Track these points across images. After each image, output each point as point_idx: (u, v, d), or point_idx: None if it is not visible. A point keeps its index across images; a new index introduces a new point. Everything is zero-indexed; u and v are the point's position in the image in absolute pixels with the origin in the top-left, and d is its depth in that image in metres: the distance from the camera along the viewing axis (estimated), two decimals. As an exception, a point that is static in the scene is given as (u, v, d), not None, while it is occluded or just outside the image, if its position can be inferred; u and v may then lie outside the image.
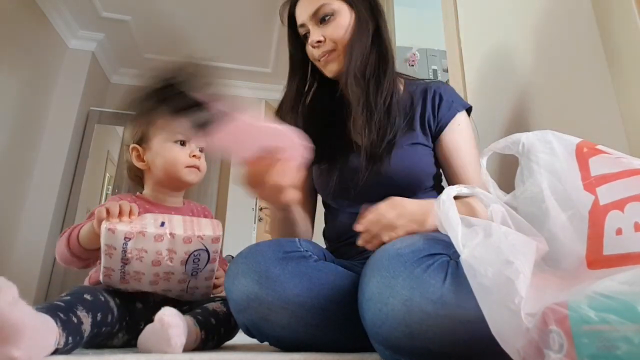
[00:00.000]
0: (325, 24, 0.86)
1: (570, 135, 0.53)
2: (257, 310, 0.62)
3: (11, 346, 0.48)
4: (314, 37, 0.86)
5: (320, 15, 0.86)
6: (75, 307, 0.66)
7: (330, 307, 0.63)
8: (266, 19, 3.30)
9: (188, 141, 0.98)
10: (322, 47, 0.86)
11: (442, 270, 0.49)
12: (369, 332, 0.53)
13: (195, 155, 0.98)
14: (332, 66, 0.88)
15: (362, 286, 0.56)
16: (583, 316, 0.30)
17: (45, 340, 0.56)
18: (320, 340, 0.64)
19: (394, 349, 0.50)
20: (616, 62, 0.67)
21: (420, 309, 0.47)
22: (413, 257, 0.52)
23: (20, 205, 2.86)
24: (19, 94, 2.77)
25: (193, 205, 1.04)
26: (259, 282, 0.62)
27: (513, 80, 1.00)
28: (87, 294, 0.71)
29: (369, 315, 0.52)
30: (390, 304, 0.49)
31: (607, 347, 0.28)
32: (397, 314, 0.48)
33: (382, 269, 0.53)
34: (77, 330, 0.64)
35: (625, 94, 0.65)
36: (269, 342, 0.68)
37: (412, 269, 0.50)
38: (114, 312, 0.76)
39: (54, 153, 3.05)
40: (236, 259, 0.68)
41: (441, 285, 0.47)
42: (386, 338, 0.50)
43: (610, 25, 0.68)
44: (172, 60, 0.57)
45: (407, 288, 0.48)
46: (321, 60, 0.88)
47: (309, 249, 0.70)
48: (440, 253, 0.52)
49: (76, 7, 3.06)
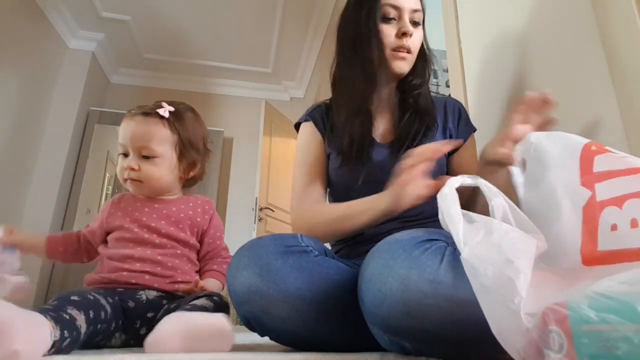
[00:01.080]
0: (415, 27, 0.91)
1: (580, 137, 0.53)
2: (258, 303, 0.63)
3: (9, 341, 0.48)
4: (410, 28, 0.89)
5: (417, 17, 0.91)
6: (65, 308, 0.65)
7: (330, 302, 0.64)
8: (266, 19, 3.30)
9: (128, 154, 0.95)
10: (409, 42, 0.89)
11: (439, 253, 0.51)
12: (367, 315, 0.54)
13: (131, 167, 0.93)
14: (405, 65, 0.91)
15: (362, 271, 0.57)
16: (583, 316, 0.30)
17: (39, 332, 0.55)
18: (320, 335, 0.65)
19: (393, 330, 0.51)
20: (616, 62, 0.67)
21: (417, 288, 0.48)
22: (412, 242, 0.54)
23: (20, 205, 2.86)
24: (19, 94, 2.77)
25: (193, 199, 1.03)
26: (261, 275, 0.62)
27: (513, 80, 1.01)
28: (73, 296, 0.70)
29: (368, 296, 0.53)
30: (388, 283, 0.50)
31: (607, 347, 0.28)
32: (395, 293, 0.49)
33: (382, 252, 0.55)
34: (71, 325, 0.63)
35: (624, 93, 0.65)
36: (269, 336, 0.68)
37: (411, 251, 0.52)
38: (106, 310, 0.76)
39: (54, 153, 3.05)
40: (238, 252, 0.68)
41: (438, 266, 0.49)
42: (385, 319, 0.51)
43: (610, 25, 0.68)
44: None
45: (404, 268, 0.50)
46: (399, 52, 0.89)
47: (310, 244, 0.70)
48: (438, 239, 0.54)
49: (76, 7, 3.06)
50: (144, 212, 0.95)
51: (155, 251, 0.91)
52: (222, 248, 1.03)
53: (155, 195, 0.99)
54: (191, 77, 4.00)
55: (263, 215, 3.17)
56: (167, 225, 0.95)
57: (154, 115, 0.95)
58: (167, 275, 0.89)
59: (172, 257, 0.93)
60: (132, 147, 0.94)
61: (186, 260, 0.95)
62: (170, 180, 0.99)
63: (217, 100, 4.07)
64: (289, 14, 3.24)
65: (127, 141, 0.94)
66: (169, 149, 0.96)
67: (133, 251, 0.90)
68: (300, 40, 3.48)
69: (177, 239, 0.95)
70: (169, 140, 0.96)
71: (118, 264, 0.88)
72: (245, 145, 3.83)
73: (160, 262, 0.90)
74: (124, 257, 0.89)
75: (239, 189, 3.74)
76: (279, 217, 3.39)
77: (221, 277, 0.97)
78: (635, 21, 0.63)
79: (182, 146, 0.98)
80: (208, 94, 4.05)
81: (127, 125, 0.95)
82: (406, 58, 0.90)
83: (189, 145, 0.99)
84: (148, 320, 0.84)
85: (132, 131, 0.94)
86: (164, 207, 0.97)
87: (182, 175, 1.01)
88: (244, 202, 3.62)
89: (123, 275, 0.87)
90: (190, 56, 3.76)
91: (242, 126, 3.93)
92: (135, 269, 0.88)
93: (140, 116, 0.95)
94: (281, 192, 3.46)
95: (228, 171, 3.79)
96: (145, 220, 0.94)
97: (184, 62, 3.82)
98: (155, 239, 0.92)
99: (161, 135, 0.95)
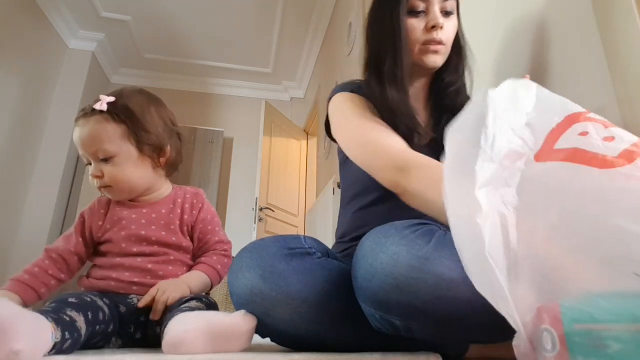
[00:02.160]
0: (447, 18, 0.85)
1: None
2: (260, 305, 0.62)
3: (10, 341, 0.47)
4: (440, 21, 0.83)
5: (449, 6, 0.85)
6: (64, 309, 0.64)
7: (332, 303, 0.63)
8: (266, 19, 3.30)
9: (90, 162, 0.88)
10: (440, 34, 0.84)
11: (429, 234, 0.53)
12: (359, 290, 0.56)
13: (94, 175, 0.87)
14: (438, 58, 0.85)
15: (357, 250, 0.59)
16: (575, 315, 0.30)
17: (41, 332, 0.54)
18: (322, 337, 0.65)
19: (383, 306, 0.52)
20: (616, 61, 0.67)
21: (406, 262, 0.50)
22: (404, 224, 0.56)
23: (20, 205, 2.87)
24: (20, 94, 2.77)
25: (182, 193, 0.97)
26: (263, 277, 0.62)
27: (513, 78, 1.01)
28: (71, 298, 0.69)
29: (361, 271, 0.55)
30: (379, 258, 0.53)
31: (598, 346, 0.29)
32: (385, 267, 0.51)
33: (376, 232, 0.57)
34: (72, 325, 0.63)
35: (624, 92, 0.65)
36: (270, 337, 0.68)
37: (402, 231, 0.54)
38: (104, 311, 0.75)
39: (53, 153, 3.06)
40: (240, 253, 0.68)
41: (426, 244, 0.51)
42: (375, 292, 0.52)
43: (610, 25, 0.68)
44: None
45: (395, 244, 0.52)
46: (430, 45, 0.84)
47: (313, 246, 0.70)
48: (430, 223, 0.57)
49: (76, 7, 3.07)
50: (131, 220, 0.89)
51: (145, 259, 0.87)
52: (214, 241, 0.96)
53: (137, 196, 0.92)
54: (191, 77, 4.01)
55: (263, 215, 3.17)
56: (157, 231, 0.89)
57: (93, 112, 0.86)
58: (155, 284, 0.84)
59: (165, 265, 0.88)
60: (87, 154, 0.86)
61: (180, 265, 0.91)
62: (144, 176, 0.90)
63: (217, 100, 4.07)
64: (289, 14, 3.24)
65: (80, 149, 0.87)
66: (122, 143, 0.87)
67: (123, 260, 0.86)
68: (300, 40, 3.48)
69: (168, 243, 0.90)
70: (117, 134, 0.86)
71: (107, 272, 0.85)
72: (245, 145, 3.84)
73: (150, 271, 0.86)
74: (113, 265, 0.86)
75: (239, 189, 3.74)
76: (279, 217, 3.39)
77: (206, 269, 0.91)
78: (635, 21, 0.63)
79: (136, 135, 0.88)
80: (208, 94, 4.06)
81: (75, 133, 0.87)
82: (438, 51, 0.84)
83: (143, 131, 0.88)
84: (141, 324, 0.83)
85: (79, 137, 0.86)
86: (152, 210, 0.92)
87: (155, 164, 0.92)
88: (244, 202, 3.63)
89: (111, 285, 0.84)
90: (190, 56, 3.76)
91: (242, 126, 3.93)
92: (124, 278, 0.84)
93: (81, 119, 0.87)
94: (281, 192, 3.47)
95: (228, 171, 3.80)
96: (135, 228, 0.88)
97: (184, 62, 3.83)
98: (146, 249, 0.87)
99: (107, 132, 0.85)
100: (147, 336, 0.83)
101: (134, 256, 0.87)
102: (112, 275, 0.85)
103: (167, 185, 0.97)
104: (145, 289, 0.84)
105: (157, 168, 0.93)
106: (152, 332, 0.82)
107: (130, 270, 0.86)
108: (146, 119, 0.90)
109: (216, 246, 0.96)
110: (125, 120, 0.87)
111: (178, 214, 0.93)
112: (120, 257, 0.87)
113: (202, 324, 0.60)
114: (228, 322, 0.61)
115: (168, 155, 0.93)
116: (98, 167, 0.86)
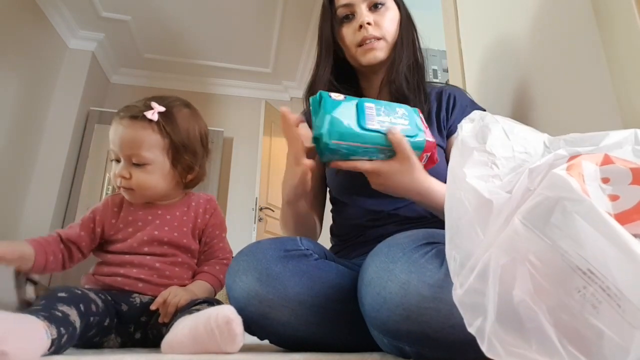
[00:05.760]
0: (377, 12, 0.86)
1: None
2: (257, 308, 0.62)
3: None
4: (365, 19, 0.85)
5: (375, 1, 0.86)
6: (54, 306, 0.64)
7: (331, 305, 0.63)
8: (266, 19, 3.30)
9: (119, 160, 0.90)
10: (371, 31, 0.85)
11: (439, 257, 0.50)
12: (367, 318, 0.54)
13: (122, 176, 0.88)
14: (378, 54, 0.86)
15: (362, 273, 0.57)
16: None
17: (32, 332, 0.54)
18: (321, 338, 0.65)
19: (392, 334, 0.51)
20: (616, 61, 0.67)
21: (417, 292, 0.48)
22: (412, 244, 0.53)
23: (20, 205, 2.87)
24: (19, 94, 2.77)
25: (195, 198, 0.99)
26: (260, 280, 0.62)
27: (513, 80, 1.01)
28: (60, 293, 0.69)
29: (368, 299, 0.53)
30: (388, 287, 0.50)
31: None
32: (394, 297, 0.49)
33: (381, 255, 0.55)
34: (65, 320, 0.62)
35: (624, 92, 0.65)
36: (269, 339, 0.68)
37: (411, 255, 0.52)
38: (97, 303, 0.74)
39: (54, 153, 3.05)
40: (237, 256, 0.68)
41: (438, 270, 0.49)
42: (384, 322, 0.50)
43: (610, 25, 0.68)
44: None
45: (405, 272, 0.50)
46: (364, 45, 0.85)
47: (310, 248, 0.70)
48: (438, 242, 0.54)
49: (76, 7, 3.06)
50: (146, 221, 0.91)
51: (155, 258, 0.88)
52: (218, 248, 0.98)
53: (152, 201, 0.94)
54: (191, 77, 4.00)
55: (263, 215, 3.17)
56: (170, 232, 0.90)
57: (142, 119, 0.87)
58: (162, 283, 0.86)
59: (172, 265, 0.89)
60: (122, 154, 0.88)
61: (186, 268, 0.92)
62: (165, 187, 0.92)
63: (217, 100, 4.07)
64: (289, 14, 3.24)
65: (117, 148, 0.88)
66: (160, 154, 0.89)
67: (132, 257, 0.87)
68: (300, 40, 3.48)
69: (178, 245, 0.91)
70: (159, 145, 0.89)
71: (114, 268, 0.86)
72: (245, 145, 3.83)
73: (157, 270, 0.87)
74: (122, 262, 0.87)
75: (239, 189, 3.74)
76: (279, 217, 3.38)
77: (210, 278, 0.92)
78: (636, 21, 0.63)
79: (175, 150, 0.91)
80: (208, 94, 4.05)
81: (116, 130, 0.88)
82: (374, 47, 0.85)
83: (183, 148, 0.91)
84: (142, 325, 0.83)
85: (120, 137, 0.88)
86: (166, 211, 0.93)
87: (179, 179, 0.94)
88: (244, 202, 3.62)
89: (117, 281, 0.84)
90: (190, 56, 3.76)
91: (242, 126, 3.93)
92: (131, 274, 0.85)
93: (127, 120, 0.88)
94: (281, 192, 3.46)
95: (228, 171, 3.79)
96: (149, 229, 0.90)
97: (184, 62, 3.82)
98: (157, 249, 0.89)
99: (150, 141, 0.88)
100: (147, 337, 0.84)
101: (144, 255, 0.88)
102: (120, 271, 0.86)
103: (180, 195, 0.99)
104: (151, 286, 0.85)
105: (180, 183, 0.96)
106: (155, 332, 0.82)
107: (139, 267, 0.87)
108: (189, 138, 0.93)
109: (218, 253, 0.97)
110: (170, 135, 0.90)
111: (192, 217, 0.95)
112: (130, 255, 0.88)
113: (199, 328, 0.60)
114: (219, 323, 0.59)
115: (195, 174, 0.96)
116: (128, 169, 0.88)
